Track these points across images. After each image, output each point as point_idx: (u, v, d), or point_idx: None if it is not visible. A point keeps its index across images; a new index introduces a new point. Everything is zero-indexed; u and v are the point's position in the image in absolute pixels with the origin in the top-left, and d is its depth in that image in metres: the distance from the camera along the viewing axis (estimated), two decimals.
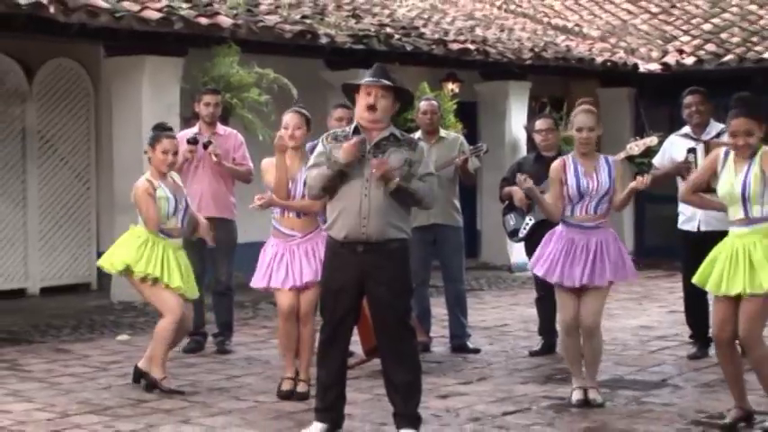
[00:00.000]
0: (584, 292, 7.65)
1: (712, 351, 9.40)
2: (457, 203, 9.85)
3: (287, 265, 7.84)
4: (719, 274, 6.80)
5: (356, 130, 6.66)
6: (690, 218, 9.15)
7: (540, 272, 7.81)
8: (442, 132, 9.97)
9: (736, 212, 6.81)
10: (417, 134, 9.68)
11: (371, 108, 6.60)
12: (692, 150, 9.13)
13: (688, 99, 9.38)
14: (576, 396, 7.69)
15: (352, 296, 6.67)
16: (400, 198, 6.54)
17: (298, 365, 7.96)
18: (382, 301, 6.60)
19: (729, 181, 6.80)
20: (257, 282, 8.00)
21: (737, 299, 6.77)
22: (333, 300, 6.71)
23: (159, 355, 8.18)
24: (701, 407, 7.59)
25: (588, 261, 7.59)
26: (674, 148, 9.44)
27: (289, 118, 7.97)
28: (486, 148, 10.16)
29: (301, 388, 7.87)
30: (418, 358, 6.80)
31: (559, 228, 7.77)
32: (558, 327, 7.91)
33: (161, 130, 8.41)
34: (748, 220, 6.77)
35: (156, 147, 8.25)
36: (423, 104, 9.88)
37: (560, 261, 7.63)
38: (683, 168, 9.11)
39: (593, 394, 7.69)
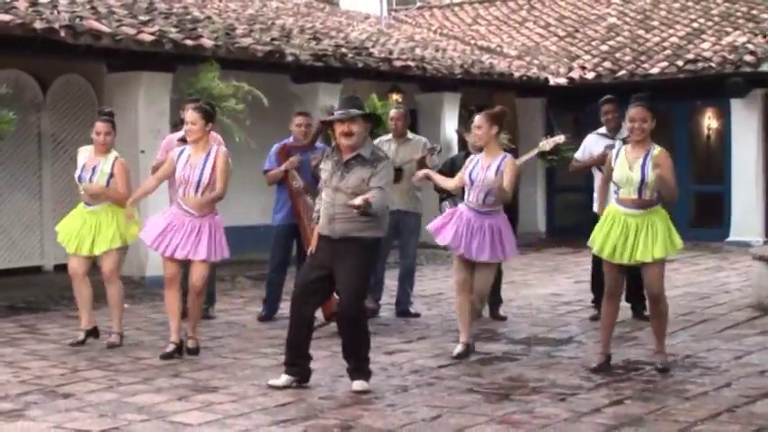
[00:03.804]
0: (477, 264, 7.66)
1: None
2: (418, 194, 9.89)
3: (173, 236, 7.65)
4: (631, 247, 7.01)
5: (335, 148, 6.69)
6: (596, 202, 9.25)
7: (445, 242, 7.67)
8: (409, 135, 10.04)
9: (630, 193, 7.05)
10: (389, 135, 9.76)
11: (348, 135, 6.56)
12: (611, 147, 9.18)
13: (605, 107, 9.39)
14: (459, 349, 7.71)
15: (322, 273, 6.65)
16: (364, 214, 6.49)
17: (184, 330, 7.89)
18: (342, 282, 6.60)
19: (625, 168, 7.05)
20: (150, 239, 7.73)
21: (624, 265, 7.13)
22: (307, 270, 6.80)
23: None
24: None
25: (483, 240, 7.58)
26: (593, 144, 9.48)
27: (188, 115, 7.75)
28: (440, 148, 10.19)
29: (191, 344, 7.82)
30: (367, 329, 6.78)
31: (463, 207, 7.74)
32: (453, 287, 7.79)
33: (99, 114, 8.41)
34: (641, 202, 7.01)
35: (93, 128, 8.24)
36: (392, 112, 10.10)
37: (463, 235, 7.59)
38: (601, 160, 9.21)
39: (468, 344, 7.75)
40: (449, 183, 8.05)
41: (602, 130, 9.47)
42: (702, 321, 9.32)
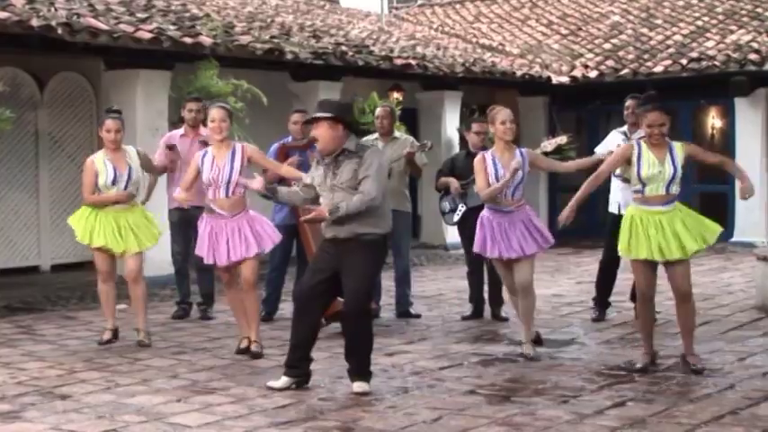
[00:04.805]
0: (516, 260, 7.72)
1: (611, 314, 9.53)
2: (407, 192, 9.88)
3: (219, 244, 7.69)
4: (657, 245, 7.02)
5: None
6: (613, 202, 9.24)
7: (477, 250, 7.88)
8: (396, 133, 10.02)
9: (657, 190, 7.06)
10: (375, 135, 9.73)
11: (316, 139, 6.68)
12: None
13: (627, 102, 9.37)
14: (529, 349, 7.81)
15: (326, 276, 6.65)
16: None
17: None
18: (349, 282, 6.58)
19: (654, 165, 7.04)
20: (207, 257, 7.81)
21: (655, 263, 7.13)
22: (310, 274, 6.76)
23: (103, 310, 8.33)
24: (603, 360, 7.65)
25: (518, 237, 7.66)
26: (610, 141, 9.46)
27: (215, 112, 7.75)
28: (430, 144, 10.16)
29: (254, 348, 7.81)
30: (371, 330, 6.77)
31: (485, 213, 7.77)
32: (507, 292, 7.98)
33: (107, 112, 8.42)
34: (668, 197, 7.05)
35: (101, 127, 8.26)
36: (378, 110, 9.98)
37: (495, 240, 7.66)
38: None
39: (527, 349, 7.73)
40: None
41: (624, 128, 9.44)
42: (706, 323, 9.31)
